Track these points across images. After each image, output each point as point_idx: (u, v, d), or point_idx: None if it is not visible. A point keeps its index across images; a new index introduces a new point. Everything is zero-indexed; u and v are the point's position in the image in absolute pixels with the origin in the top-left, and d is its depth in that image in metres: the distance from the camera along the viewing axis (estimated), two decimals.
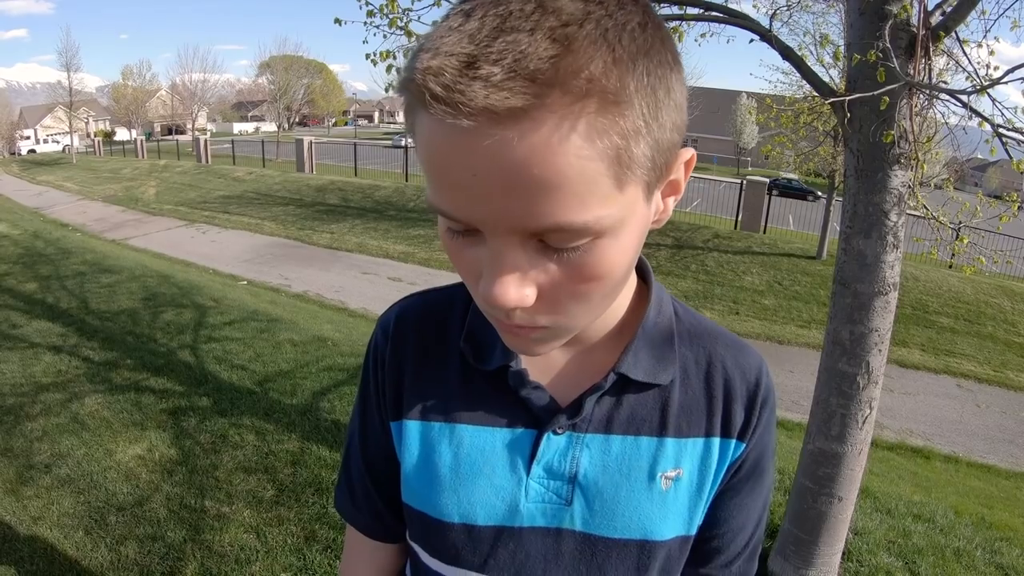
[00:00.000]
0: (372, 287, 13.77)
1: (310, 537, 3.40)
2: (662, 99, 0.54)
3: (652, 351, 0.79)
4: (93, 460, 4.06)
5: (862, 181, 2.73)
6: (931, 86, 2.59)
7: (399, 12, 2.95)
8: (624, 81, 0.50)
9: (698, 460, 0.80)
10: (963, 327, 13.25)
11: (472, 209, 0.54)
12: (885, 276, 2.75)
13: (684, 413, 0.80)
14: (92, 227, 20.25)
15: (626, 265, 0.62)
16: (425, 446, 0.82)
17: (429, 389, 0.83)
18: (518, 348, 0.67)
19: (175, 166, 32.03)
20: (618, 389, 0.78)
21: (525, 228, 0.54)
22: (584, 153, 0.50)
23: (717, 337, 0.85)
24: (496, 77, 0.47)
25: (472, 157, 0.51)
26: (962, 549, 4.13)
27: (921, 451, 8.63)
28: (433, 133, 0.52)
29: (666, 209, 0.67)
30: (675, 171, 0.64)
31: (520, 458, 0.78)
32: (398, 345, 0.86)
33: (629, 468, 0.78)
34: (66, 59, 49.06)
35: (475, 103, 0.47)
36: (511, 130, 0.48)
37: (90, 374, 5.40)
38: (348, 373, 5.61)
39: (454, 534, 0.80)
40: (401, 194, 22.20)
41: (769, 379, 0.85)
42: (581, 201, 0.52)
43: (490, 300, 0.58)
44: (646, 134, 0.53)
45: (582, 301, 0.61)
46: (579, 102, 0.49)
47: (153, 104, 67.13)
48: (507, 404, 0.79)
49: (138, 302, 7.78)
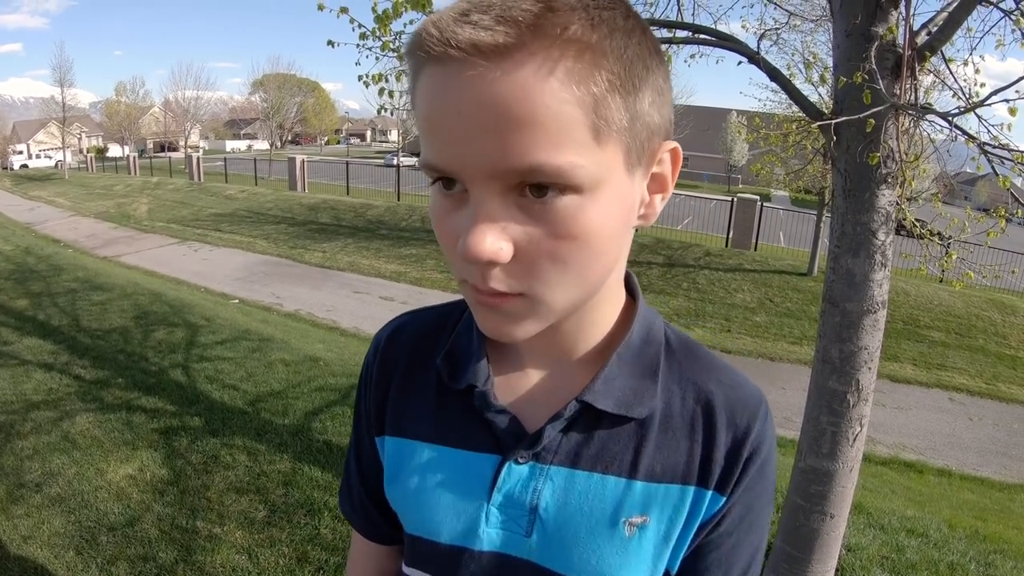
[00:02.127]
0: (364, 306, 13.75)
1: (302, 558, 3.39)
2: (640, 73, 0.59)
3: (629, 380, 0.75)
4: (84, 479, 4.04)
5: (850, 201, 2.75)
6: (917, 108, 2.61)
7: (391, 35, 2.97)
8: (602, 43, 0.56)
9: (669, 509, 0.74)
10: (954, 341, 13.29)
11: (459, 152, 0.57)
12: (874, 295, 2.77)
13: (660, 455, 0.75)
14: (84, 243, 20.19)
15: (606, 240, 0.63)
16: (399, 461, 0.84)
17: (409, 406, 0.85)
18: (493, 330, 0.66)
19: (167, 183, 32.00)
20: (590, 418, 0.75)
21: (502, 168, 0.56)
22: (561, 95, 0.54)
23: (711, 372, 0.78)
24: (483, 22, 0.53)
25: (458, 96, 0.55)
26: (956, 563, 4.13)
27: (914, 465, 8.63)
28: (428, 84, 0.58)
29: (652, 205, 0.68)
30: (659, 161, 0.67)
31: (481, 483, 0.77)
32: (385, 362, 0.88)
33: (591, 508, 0.74)
34: (60, 74, 48.96)
35: (461, 39, 0.53)
36: (494, 68, 0.54)
37: (81, 392, 5.38)
38: (340, 393, 5.60)
39: (423, 547, 0.82)
40: (393, 213, 22.21)
41: (764, 426, 0.77)
42: (556, 143, 0.55)
43: (466, 253, 0.58)
44: (623, 96, 0.58)
45: (558, 265, 0.61)
46: (558, 49, 0.54)
47: (146, 121, 67.02)
48: (475, 426, 0.79)
49: (129, 320, 7.76)
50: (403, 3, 2.73)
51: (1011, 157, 2.81)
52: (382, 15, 2.79)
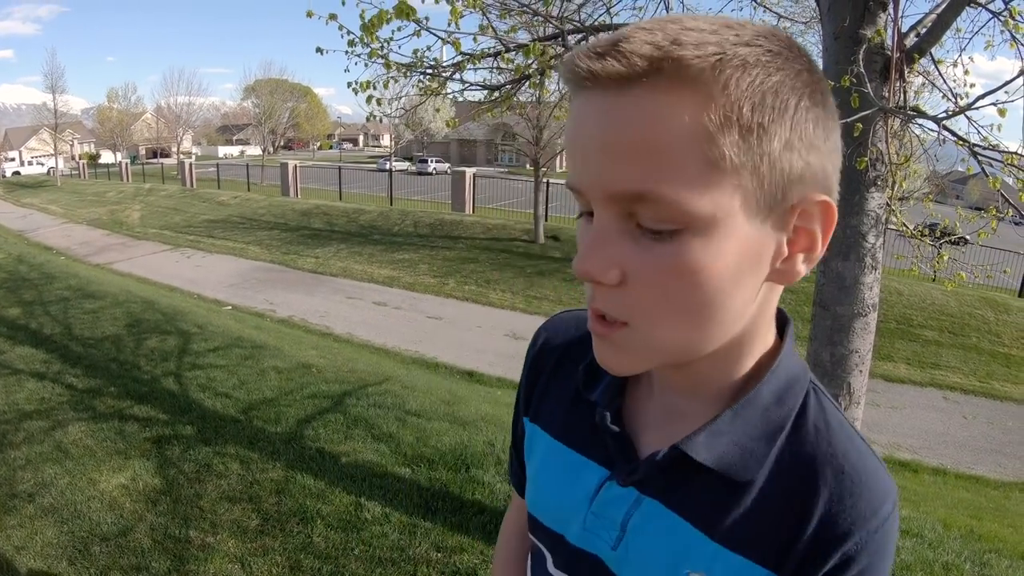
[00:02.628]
0: (357, 312, 13.75)
1: (295, 567, 3.37)
2: (774, 108, 0.59)
3: (739, 439, 0.72)
4: (77, 489, 4.02)
5: (839, 204, 2.75)
6: (905, 112, 2.62)
7: (379, 43, 2.96)
8: (722, 77, 0.57)
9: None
10: (948, 340, 13.33)
11: (584, 172, 0.63)
12: (864, 297, 2.77)
13: (745, 523, 0.71)
14: (76, 251, 20.17)
15: (719, 283, 0.61)
16: (531, 445, 0.95)
17: (548, 401, 0.93)
18: (600, 358, 0.69)
19: (160, 190, 31.97)
20: (690, 465, 0.73)
21: (618, 192, 0.60)
22: (672, 126, 0.57)
23: (834, 458, 0.70)
24: (608, 53, 0.58)
25: (586, 121, 0.61)
26: (951, 563, 4.12)
27: (909, 464, 8.66)
28: (573, 109, 0.64)
29: (792, 262, 0.65)
30: (802, 215, 0.63)
31: (586, 489, 0.82)
32: (541, 356, 0.97)
33: (666, 546, 0.75)
34: (52, 81, 48.98)
35: (586, 67, 0.59)
36: (613, 96, 0.58)
37: (73, 401, 5.35)
38: (332, 400, 5.59)
39: (533, 521, 0.91)
40: (386, 218, 22.21)
41: (878, 531, 0.68)
42: (666, 173, 0.57)
43: (576, 266, 0.63)
44: (740, 131, 0.58)
45: (663, 301, 0.62)
46: (673, 83, 0.57)
47: (138, 127, 67.02)
48: (595, 437, 0.83)
49: (122, 328, 7.73)
50: (388, 12, 2.72)
51: (1001, 158, 2.81)
52: (368, 23, 2.79)
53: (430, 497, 4.06)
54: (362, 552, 3.50)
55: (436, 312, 13.96)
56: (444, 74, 3.24)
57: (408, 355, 11.00)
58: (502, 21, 3.19)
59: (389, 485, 4.17)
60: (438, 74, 3.24)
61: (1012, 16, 3.00)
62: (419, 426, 5.15)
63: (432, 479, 4.28)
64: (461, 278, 16.41)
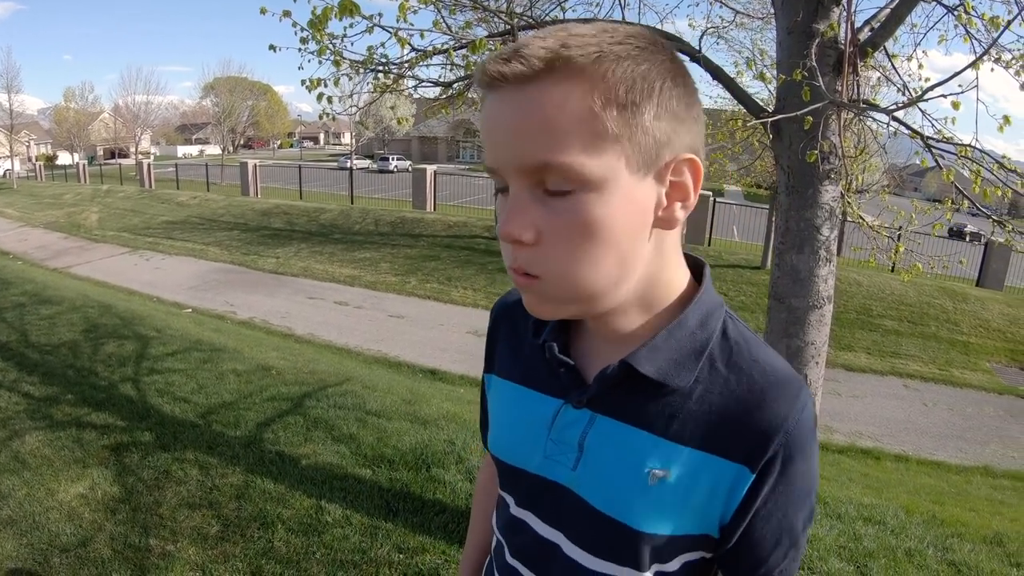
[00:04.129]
0: (319, 312, 13.63)
1: (257, 573, 3.33)
2: (643, 90, 0.75)
3: (672, 355, 0.86)
4: (35, 500, 3.93)
5: (793, 197, 2.77)
6: (855, 105, 2.63)
7: (328, 41, 2.92)
8: (602, 69, 0.73)
9: (691, 469, 0.84)
10: (907, 329, 13.54)
11: (498, 153, 0.78)
12: (819, 290, 2.79)
13: (692, 423, 0.85)
14: (33, 255, 19.79)
15: (615, 232, 0.76)
16: (492, 395, 1.11)
17: (506, 354, 1.08)
18: (528, 306, 0.84)
19: (118, 191, 31.47)
20: (636, 380, 0.86)
21: (526, 165, 0.75)
22: (565, 110, 0.72)
23: (757, 360, 0.86)
24: (511, 58, 0.73)
25: (497, 113, 0.76)
26: (914, 549, 4.17)
27: (871, 452, 8.77)
28: (486, 106, 0.78)
29: (671, 210, 0.81)
30: (675, 171, 0.79)
31: (544, 420, 0.95)
32: (495, 323, 1.14)
33: (624, 455, 0.87)
34: (7, 80, 47.79)
35: (498, 71, 0.74)
36: (517, 92, 0.74)
37: (30, 410, 5.24)
38: (292, 402, 5.53)
39: (497, 463, 1.04)
40: (347, 217, 22.06)
41: (801, 409, 0.83)
42: (563, 146, 0.72)
43: (499, 232, 0.78)
44: (618, 108, 0.73)
45: (572, 251, 0.76)
46: (563, 77, 0.72)
47: (96, 127, 65.85)
48: (546, 373, 0.97)
49: (79, 334, 7.58)
50: (332, 8, 2.69)
51: (954, 151, 2.84)
52: (314, 20, 2.75)
53: (391, 498, 4.03)
54: (324, 555, 3.46)
55: (398, 311, 13.88)
56: (395, 71, 3.20)
57: (370, 355, 10.92)
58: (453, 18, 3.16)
59: (350, 487, 4.14)
60: (389, 71, 3.21)
61: (966, 11, 3.04)
62: (380, 426, 5.11)
63: (393, 480, 4.25)
64: (423, 276, 16.34)
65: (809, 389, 0.87)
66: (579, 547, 0.93)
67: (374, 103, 3.98)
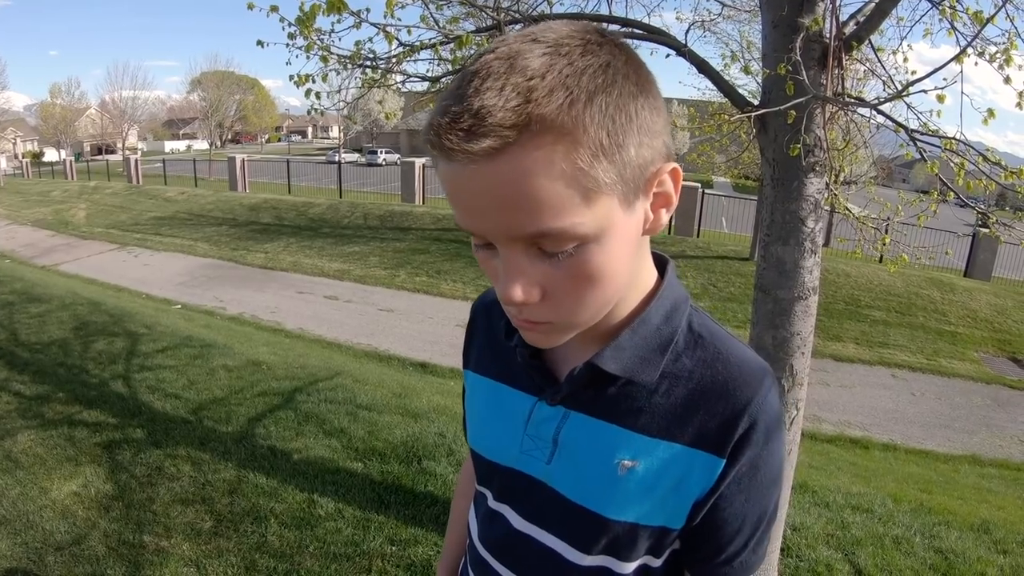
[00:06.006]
0: (308, 306, 13.60)
1: (250, 567, 3.35)
2: (623, 124, 0.69)
3: (637, 351, 0.87)
4: (28, 499, 3.93)
5: (778, 190, 2.79)
6: (839, 99, 2.65)
7: (315, 37, 2.92)
8: (580, 118, 0.65)
9: (659, 460, 0.86)
10: (895, 319, 13.61)
11: (480, 224, 0.72)
12: (804, 281, 2.81)
13: (659, 416, 0.87)
14: (21, 253, 19.68)
15: (617, 268, 0.76)
16: (472, 391, 1.12)
17: (483, 351, 1.09)
18: (532, 341, 0.84)
19: (105, 187, 31.28)
20: (604, 378, 0.88)
21: (518, 235, 0.70)
22: (551, 175, 0.66)
23: (722, 352, 0.88)
24: (475, 128, 0.64)
25: (469, 185, 0.68)
26: (901, 536, 4.22)
27: (860, 441, 8.82)
28: (444, 171, 0.70)
29: (657, 219, 0.80)
30: (658, 183, 0.77)
31: (520, 416, 0.97)
32: (475, 318, 1.15)
33: (596, 448, 0.89)
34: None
35: (458, 149, 0.65)
36: (490, 164, 0.65)
37: (21, 409, 5.23)
38: (283, 397, 5.54)
39: (475, 457, 1.07)
40: (335, 211, 22.00)
41: (765, 397, 0.85)
42: (556, 212, 0.67)
43: (505, 299, 0.75)
44: (606, 157, 0.68)
45: (579, 299, 0.76)
46: (539, 138, 0.65)
47: (82, 123, 65.35)
48: (522, 372, 0.97)
49: (69, 332, 7.56)
50: (319, 7, 2.70)
51: (939, 144, 2.87)
52: (301, 17, 2.76)
53: (383, 491, 4.06)
54: (317, 549, 3.49)
55: (388, 304, 13.85)
56: (383, 66, 3.21)
57: (360, 348, 10.91)
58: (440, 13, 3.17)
59: (342, 480, 4.16)
60: (377, 66, 3.21)
61: (951, 5, 3.06)
62: (371, 420, 5.13)
63: (384, 472, 4.27)
64: (412, 269, 16.29)
65: (774, 378, 0.88)
66: (556, 537, 0.95)
67: (362, 97, 3.98)
